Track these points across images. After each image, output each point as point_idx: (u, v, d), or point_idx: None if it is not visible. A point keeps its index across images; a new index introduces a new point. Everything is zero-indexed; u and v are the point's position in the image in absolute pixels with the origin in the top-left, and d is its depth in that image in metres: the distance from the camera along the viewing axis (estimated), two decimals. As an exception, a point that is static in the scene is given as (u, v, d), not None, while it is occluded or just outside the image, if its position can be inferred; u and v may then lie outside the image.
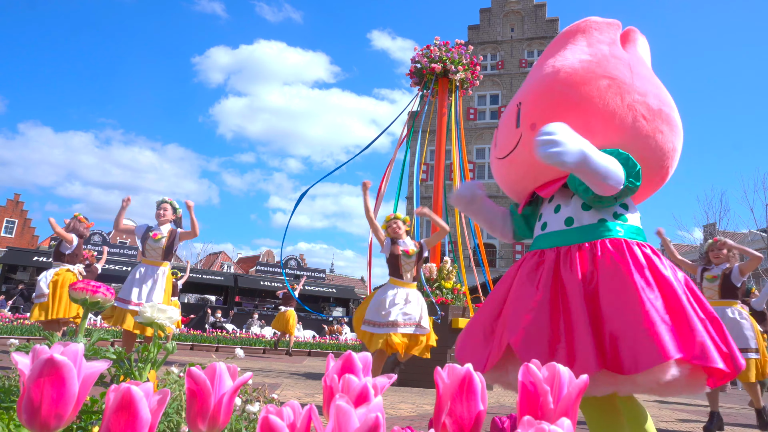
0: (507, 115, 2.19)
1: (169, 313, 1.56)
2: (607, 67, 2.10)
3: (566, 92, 2.01)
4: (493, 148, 2.30)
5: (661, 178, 2.18)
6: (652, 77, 2.22)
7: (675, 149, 2.12)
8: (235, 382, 0.72)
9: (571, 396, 0.64)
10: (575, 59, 2.13)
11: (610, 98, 2.02)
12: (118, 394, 0.60)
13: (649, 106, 2.06)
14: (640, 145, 2.00)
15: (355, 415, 0.57)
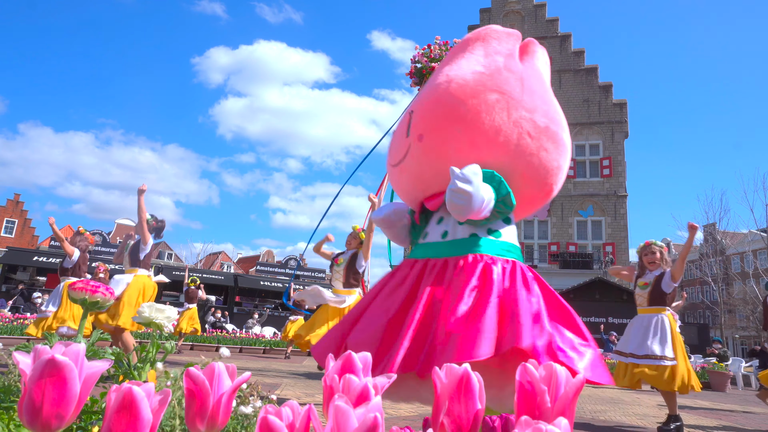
0: (401, 123, 2.19)
1: (167, 313, 1.57)
2: (498, 81, 2.07)
3: (454, 105, 2.00)
4: (388, 154, 2.30)
5: (545, 194, 2.17)
6: (544, 93, 2.20)
7: (560, 167, 2.11)
8: (234, 382, 0.73)
9: (569, 396, 0.64)
10: (468, 70, 2.11)
11: (497, 113, 1.99)
12: (120, 395, 0.60)
13: (535, 123, 2.04)
14: (523, 162, 2.00)
15: (354, 415, 0.57)
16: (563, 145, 2.14)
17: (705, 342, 18.08)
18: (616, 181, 26.98)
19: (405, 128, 2.12)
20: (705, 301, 36.80)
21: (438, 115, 2.03)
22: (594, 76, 29.02)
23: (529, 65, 2.26)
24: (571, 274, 24.89)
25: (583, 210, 27.13)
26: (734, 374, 12.50)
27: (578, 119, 28.43)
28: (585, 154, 28.00)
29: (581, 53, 29.62)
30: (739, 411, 6.73)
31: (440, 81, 2.12)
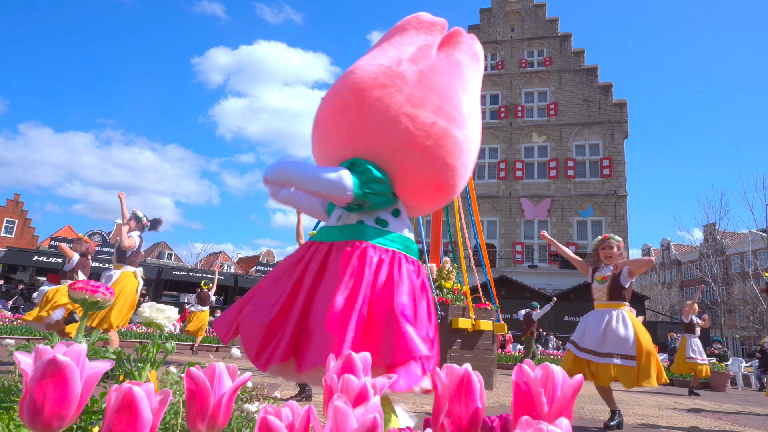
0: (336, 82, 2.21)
1: (168, 313, 1.57)
2: (392, 74, 2.06)
3: (346, 95, 2.03)
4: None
5: (437, 190, 2.14)
6: (446, 88, 2.13)
7: (448, 165, 2.06)
8: (234, 382, 0.73)
9: (566, 396, 0.64)
10: (375, 62, 2.11)
11: (381, 106, 2.00)
12: (120, 395, 0.61)
13: (420, 119, 2.02)
14: (404, 156, 2.00)
15: (353, 416, 0.58)
16: (456, 143, 2.09)
17: (705, 342, 18.06)
18: (616, 181, 26.97)
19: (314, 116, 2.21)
20: (705, 301, 36.78)
21: (331, 105, 2.08)
22: (594, 76, 29.00)
23: (445, 57, 2.21)
24: (571, 274, 24.88)
25: (583, 210, 27.12)
26: (734, 374, 12.50)
27: (578, 119, 28.43)
28: (585, 154, 27.99)
29: (581, 53, 29.60)
30: (739, 411, 6.73)
31: (347, 70, 2.15)
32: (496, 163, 28.98)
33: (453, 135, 2.06)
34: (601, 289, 4.40)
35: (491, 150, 29.41)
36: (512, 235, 27.80)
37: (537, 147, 28.84)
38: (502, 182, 28.58)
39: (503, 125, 29.55)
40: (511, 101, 29.80)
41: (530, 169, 28.66)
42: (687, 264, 43.19)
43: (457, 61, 2.21)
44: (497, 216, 28.18)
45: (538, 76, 29.84)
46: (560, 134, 28.53)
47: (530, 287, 21.78)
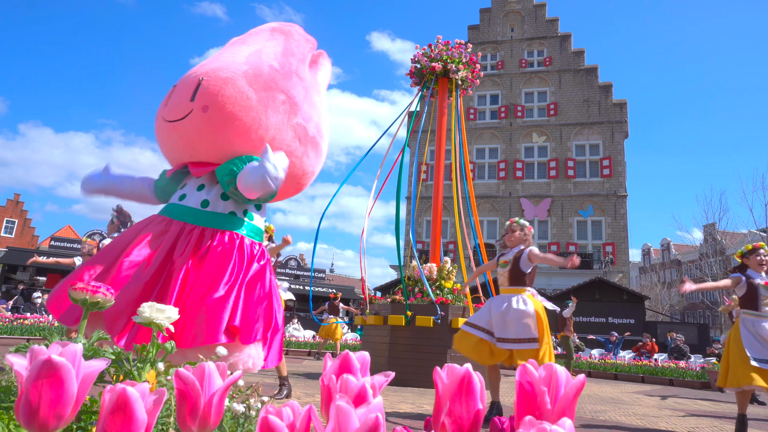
0: (187, 82, 2.30)
1: (168, 313, 1.56)
2: (288, 84, 2.34)
3: (245, 92, 2.20)
4: (163, 105, 2.38)
5: (295, 191, 2.54)
6: (319, 105, 2.51)
7: (313, 173, 2.50)
8: (225, 382, 0.72)
9: (569, 396, 0.64)
10: (266, 62, 2.34)
11: (279, 113, 2.25)
12: (114, 395, 0.60)
13: (307, 132, 2.37)
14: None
15: (355, 416, 0.57)
16: (321, 156, 2.52)
17: (705, 342, 18.07)
18: (616, 181, 26.97)
19: (191, 91, 2.25)
20: (705, 301, 36.77)
21: (227, 94, 2.20)
22: (594, 76, 29.01)
23: (314, 76, 2.56)
24: (571, 274, 24.88)
25: (583, 210, 27.12)
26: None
27: (578, 119, 28.43)
28: (585, 154, 28.00)
29: (581, 53, 29.60)
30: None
31: (236, 59, 2.31)
32: (496, 163, 28.98)
33: (323, 148, 2.50)
34: (503, 274, 4.35)
35: (491, 150, 29.41)
36: (512, 235, 27.80)
37: (537, 147, 28.84)
38: (502, 182, 28.58)
39: (503, 125, 29.55)
40: (511, 101, 29.80)
41: (530, 169, 28.66)
42: (687, 264, 43.19)
43: (319, 83, 2.60)
44: (497, 216, 28.18)
45: (538, 76, 29.85)
46: (560, 134, 28.54)
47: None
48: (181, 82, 2.34)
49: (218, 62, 2.33)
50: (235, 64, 2.28)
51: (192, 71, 2.34)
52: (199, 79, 2.24)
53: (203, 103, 2.20)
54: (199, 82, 2.23)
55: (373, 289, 22.47)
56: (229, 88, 2.21)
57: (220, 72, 2.25)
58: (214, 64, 2.32)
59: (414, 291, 7.35)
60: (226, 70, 2.26)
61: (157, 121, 2.38)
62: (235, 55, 2.35)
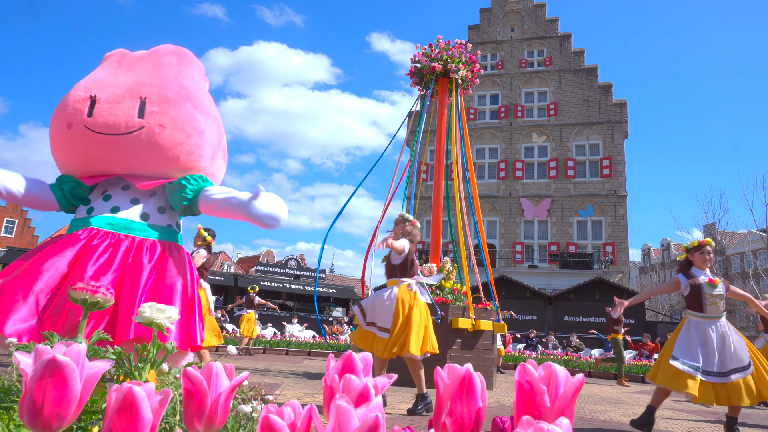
0: (120, 96, 2.42)
1: (168, 313, 1.56)
2: (214, 109, 2.69)
3: (195, 115, 2.48)
4: (78, 114, 2.40)
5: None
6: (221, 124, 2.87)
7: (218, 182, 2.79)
8: (231, 382, 0.73)
9: (568, 395, 0.64)
10: (195, 87, 2.63)
11: (216, 135, 2.61)
12: (120, 395, 0.60)
13: (226, 151, 2.76)
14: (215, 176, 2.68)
15: (355, 415, 0.58)
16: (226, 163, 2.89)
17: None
18: (616, 181, 26.96)
19: (135, 107, 2.38)
20: (705, 301, 36.71)
21: (182, 117, 2.44)
22: (594, 76, 29.00)
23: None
24: (571, 274, 24.87)
25: (583, 210, 27.12)
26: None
27: (578, 119, 28.42)
28: (585, 154, 27.99)
29: (581, 53, 29.59)
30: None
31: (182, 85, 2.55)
32: (496, 163, 28.97)
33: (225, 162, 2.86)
34: (384, 267, 4.65)
35: (491, 150, 29.40)
36: (512, 235, 27.79)
37: (537, 147, 28.83)
38: (502, 182, 28.57)
39: (503, 125, 29.54)
40: (511, 101, 29.79)
41: (530, 169, 28.65)
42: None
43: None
44: (497, 216, 28.18)
45: (538, 76, 29.84)
46: (560, 134, 28.53)
47: (530, 287, 21.77)
48: (107, 91, 2.44)
49: (152, 80, 2.50)
50: (173, 84, 2.51)
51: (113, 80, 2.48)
52: (141, 96, 2.40)
53: (158, 121, 2.38)
54: (142, 100, 2.39)
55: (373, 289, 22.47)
56: (181, 110, 2.44)
57: (165, 91, 2.46)
58: (149, 81, 2.49)
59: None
60: (168, 90, 2.48)
61: (72, 130, 2.40)
62: (163, 74, 2.55)
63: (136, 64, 2.61)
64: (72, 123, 2.40)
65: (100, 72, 2.58)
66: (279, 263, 26.89)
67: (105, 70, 2.59)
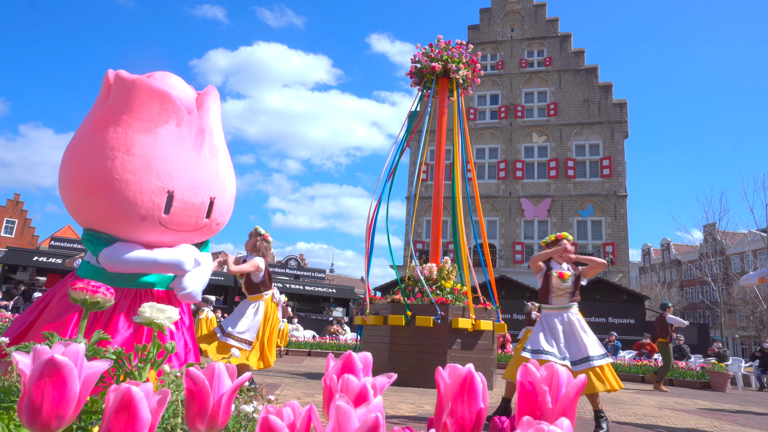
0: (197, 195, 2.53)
1: (169, 313, 1.56)
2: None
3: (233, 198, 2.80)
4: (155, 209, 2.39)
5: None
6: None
7: None
8: (234, 383, 0.72)
9: (570, 396, 0.64)
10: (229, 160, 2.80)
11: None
12: (119, 395, 0.60)
13: None
14: None
15: (355, 415, 0.57)
16: None
17: (705, 342, 18.07)
18: (616, 181, 26.97)
19: (205, 209, 2.56)
20: (705, 301, 36.77)
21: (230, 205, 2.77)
22: (594, 76, 29.00)
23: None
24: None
25: (583, 210, 27.12)
26: (734, 374, 12.49)
27: (578, 119, 28.42)
28: (585, 154, 27.99)
29: (581, 53, 29.60)
30: (739, 411, 6.72)
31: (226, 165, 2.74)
32: (496, 163, 28.98)
33: None
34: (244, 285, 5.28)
35: (491, 150, 29.41)
36: (512, 235, 27.80)
37: (537, 147, 28.84)
38: (502, 182, 28.57)
39: (503, 125, 29.55)
40: (511, 101, 29.80)
41: (530, 169, 28.66)
42: (687, 264, 43.18)
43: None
44: (497, 216, 28.18)
45: (538, 76, 29.84)
46: (560, 134, 28.53)
47: (530, 287, 21.77)
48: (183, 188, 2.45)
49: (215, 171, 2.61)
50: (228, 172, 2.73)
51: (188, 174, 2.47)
52: (211, 197, 2.57)
53: (218, 221, 2.65)
54: (211, 200, 2.57)
55: (373, 289, 22.46)
56: (230, 198, 2.76)
57: (225, 189, 2.68)
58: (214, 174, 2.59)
59: (414, 291, 7.35)
60: (227, 182, 2.70)
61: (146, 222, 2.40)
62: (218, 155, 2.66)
63: (195, 133, 2.52)
64: (146, 217, 2.37)
65: (165, 147, 2.41)
66: (279, 263, 26.88)
67: (168, 143, 2.42)
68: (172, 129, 2.44)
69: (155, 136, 2.40)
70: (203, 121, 2.55)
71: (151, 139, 2.38)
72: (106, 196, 2.31)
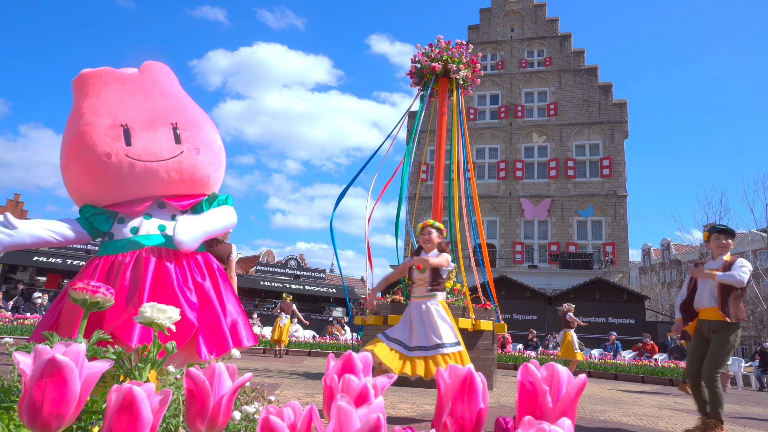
0: (154, 122, 2.58)
1: (169, 313, 1.56)
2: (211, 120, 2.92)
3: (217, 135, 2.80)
4: (116, 144, 2.50)
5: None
6: None
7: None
8: (234, 383, 0.72)
9: (570, 396, 0.64)
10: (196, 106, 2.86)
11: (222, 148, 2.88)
12: (120, 395, 0.60)
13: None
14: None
15: (357, 416, 0.57)
16: None
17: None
18: (616, 181, 26.96)
19: (170, 134, 2.56)
20: (705, 301, 36.68)
21: (210, 139, 2.73)
22: (594, 76, 29.00)
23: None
24: (571, 274, 24.86)
25: (583, 210, 27.12)
26: (734, 374, 12.50)
27: (578, 119, 28.42)
28: (585, 154, 27.98)
29: (581, 53, 29.59)
30: (739, 411, 6.73)
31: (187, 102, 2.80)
32: (496, 163, 28.97)
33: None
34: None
35: (491, 150, 29.40)
36: (512, 235, 27.79)
37: (537, 147, 28.83)
38: (502, 182, 28.57)
39: (503, 125, 29.54)
40: (511, 101, 29.79)
41: (530, 169, 28.65)
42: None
43: None
44: (497, 216, 28.17)
45: (538, 76, 29.84)
46: (560, 134, 28.53)
47: (530, 287, 21.77)
48: (138, 118, 2.56)
49: (172, 104, 2.70)
50: (190, 105, 2.77)
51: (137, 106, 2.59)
52: (172, 122, 2.59)
53: (195, 146, 2.61)
54: (174, 126, 2.59)
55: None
56: (205, 132, 2.70)
57: (188, 115, 2.68)
58: (170, 105, 2.67)
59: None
60: (188, 113, 2.70)
61: (112, 160, 2.47)
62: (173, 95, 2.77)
63: (140, 85, 2.71)
64: (110, 153, 2.46)
65: (110, 97, 2.60)
66: (279, 263, 26.87)
67: (112, 95, 2.62)
68: (115, 87, 2.66)
69: (101, 95, 2.63)
70: (148, 76, 2.76)
71: (98, 99, 2.60)
72: (76, 153, 2.50)
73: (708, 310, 4.03)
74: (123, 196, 2.55)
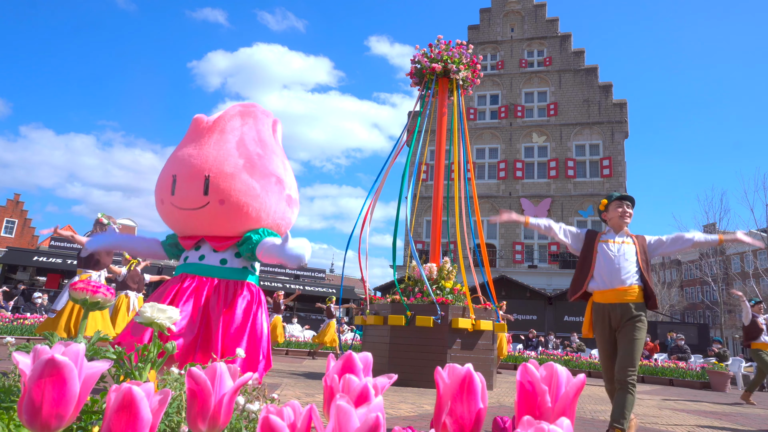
0: (191, 175, 2.85)
1: (169, 313, 1.56)
2: (273, 165, 2.96)
3: (251, 184, 2.83)
4: (166, 193, 2.93)
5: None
6: (288, 166, 3.16)
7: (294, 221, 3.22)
8: (235, 383, 0.72)
9: (569, 395, 0.64)
10: (253, 151, 2.93)
11: (275, 192, 2.92)
12: (119, 394, 0.60)
13: (291, 197, 3.07)
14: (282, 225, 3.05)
15: (356, 415, 0.57)
16: (297, 205, 3.21)
17: (705, 342, 18.06)
18: (616, 181, 26.96)
19: (201, 185, 2.80)
20: (705, 301, 36.74)
21: (238, 188, 2.82)
22: (594, 76, 28.99)
23: (278, 142, 3.17)
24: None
25: (583, 210, 27.11)
26: (734, 374, 12.50)
27: (578, 119, 28.41)
28: (585, 154, 27.98)
29: (581, 53, 29.58)
30: (739, 411, 6.73)
31: (229, 152, 2.88)
32: (496, 163, 28.97)
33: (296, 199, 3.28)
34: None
35: (491, 150, 29.40)
36: (512, 235, 27.79)
37: (537, 147, 28.83)
38: (502, 182, 28.56)
39: (503, 125, 29.54)
40: (511, 101, 29.79)
41: (530, 169, 28.65)
42: (687, 264, 43.16)
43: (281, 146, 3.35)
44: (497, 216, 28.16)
45: (538, 76, 29.83)
46: (560, 134, 28.52)
47: (530, 287, 21.78)
48: (182, 171, 2.86)
49: (216, 160, 2.84)
50: (231, 157, 2.86)
51: (187, 159, 2.87)
52: (206, 174, 2.80)
53: (219, 197, 2.79)
54: (206, 178, 2.79)
55: (373, 289, 22.45)
56: (237, 182, 2.81)
57: (224, 167, 2.82)
58: (211, 157, 2.84)
59: (414, 291, 7.35)
60: (227, 164, 2.83)
61: (165, 205, 2.94)
62: (225, 146, 2.89)
63: (206, 136, 2.97)
64: (163, 200, 2.95)
65: (182, 147, 2.99)
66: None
67: (185, 145, 2.99)
68: (190, 135, 3.02)
69: (182, 142, 3.05)
70: (217, 124, 2.98)
71: (179, 146, 3.04)
72: (155, 195, 3.07)
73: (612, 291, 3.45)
74: (181, 231, 3.04)
